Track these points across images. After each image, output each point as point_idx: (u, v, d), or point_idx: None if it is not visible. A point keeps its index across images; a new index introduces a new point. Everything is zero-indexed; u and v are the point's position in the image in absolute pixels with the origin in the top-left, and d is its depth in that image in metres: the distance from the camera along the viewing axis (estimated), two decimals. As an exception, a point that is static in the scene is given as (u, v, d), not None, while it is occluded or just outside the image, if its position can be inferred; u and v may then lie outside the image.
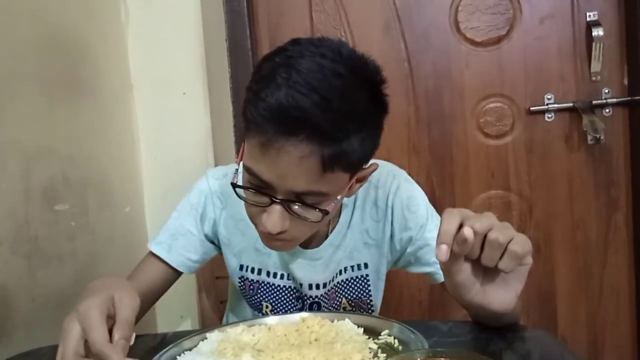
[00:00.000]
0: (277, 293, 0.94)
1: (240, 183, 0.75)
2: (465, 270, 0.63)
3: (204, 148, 1.51)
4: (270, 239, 0.77)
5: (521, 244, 0.59)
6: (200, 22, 1.49)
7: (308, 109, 0.64)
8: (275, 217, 0.71)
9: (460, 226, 0.59)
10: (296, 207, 0.72)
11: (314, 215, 0.73)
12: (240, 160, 0.75)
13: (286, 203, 0.71)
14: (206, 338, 0.72)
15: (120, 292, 0.63)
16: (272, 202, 0.71)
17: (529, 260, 0.61)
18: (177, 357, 0.68)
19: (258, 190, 0.72)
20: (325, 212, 0.72)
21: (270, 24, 1.62)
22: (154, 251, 0.92)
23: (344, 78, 0.66)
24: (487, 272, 0.64)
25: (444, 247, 0.59)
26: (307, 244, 0.91)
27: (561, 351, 0.68)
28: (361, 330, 0.72)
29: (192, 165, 1.51)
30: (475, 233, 0.58)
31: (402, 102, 1.62)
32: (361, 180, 0.80)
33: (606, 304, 1.66)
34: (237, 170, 0.76)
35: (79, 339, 0.59)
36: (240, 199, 0.76)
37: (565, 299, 1.66)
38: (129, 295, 0.64)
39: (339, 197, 0.74)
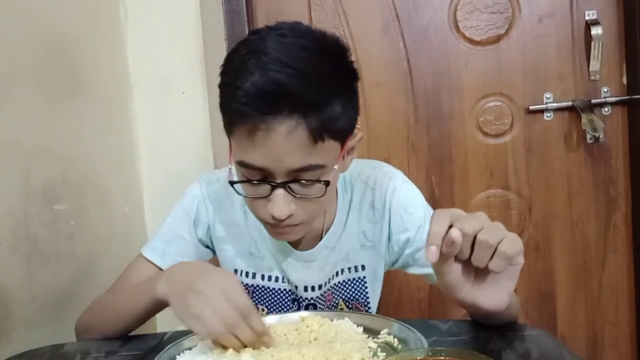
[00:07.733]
0: (273, 296, 0.94)
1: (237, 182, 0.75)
2: (455, 271, 0.63)
3: (203, 148, 1.51)
4: (279, 230, 0.77)
5: (511, 244, 0.59)
6: (200, 22, 1.49)
7: (284, 83, 0.66)
8: (280, 202, 0.72)
9: (450, 227, 0.60)
10: (297, 186, 0.72)
11: (316, 189, 0.73)
12: (231, 159, 0.75)
13: (287, 185, 0.72)
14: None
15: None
16: (273, 187, 0.72)
17: (520, 260, 0.61)
18: (177, 356, 0.68)
19: (256, 181, 0.72)
20: (327, 183, 0.73)
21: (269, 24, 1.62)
22: (148, 257, 0.92)
23: (308, 49, 0.70)
24: (479, 272, 0.64)
25: (433, 248, 0.59)
26: (300, 246, 0.91)
27: (560, 350, 0.68)
28: (361, 329, 0.73)
29: (191, 164, 1.51)
30: (465, 234, 0.59)
31: (401, 101, 1.62)
32: (351, 152, 0.82)
33: (605, 303, 1.66)
34: (230, 169, 0.76)
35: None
36: (241, 195, 0.76)
37: (565, 298, 1.66)
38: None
39: (335, 167, 0.75)
